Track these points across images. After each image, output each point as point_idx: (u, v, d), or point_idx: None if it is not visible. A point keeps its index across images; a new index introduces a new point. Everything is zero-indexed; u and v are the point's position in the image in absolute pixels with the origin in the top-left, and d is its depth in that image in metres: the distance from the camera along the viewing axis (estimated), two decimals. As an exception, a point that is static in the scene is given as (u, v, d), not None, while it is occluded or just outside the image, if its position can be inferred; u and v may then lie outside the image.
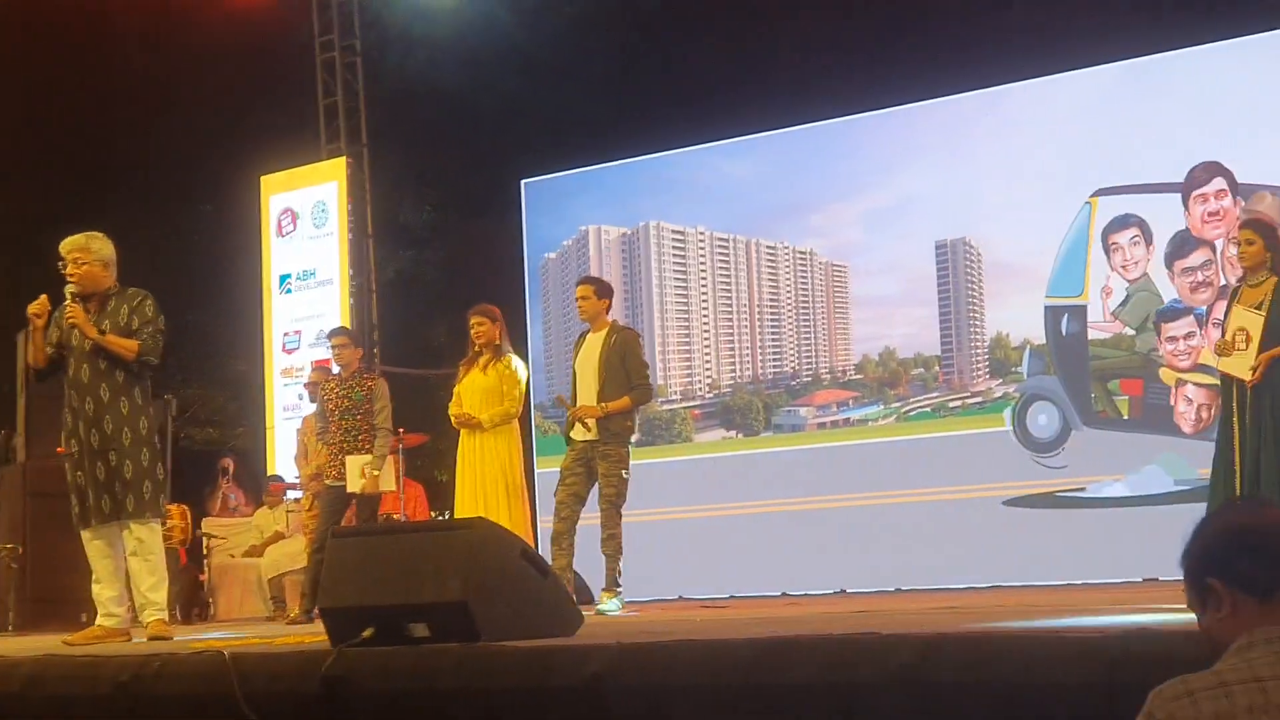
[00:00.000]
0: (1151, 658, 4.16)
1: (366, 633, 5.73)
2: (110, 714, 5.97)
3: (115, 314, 8.64)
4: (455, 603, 5.68)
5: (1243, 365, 8.94)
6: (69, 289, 8.59)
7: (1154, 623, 4.52)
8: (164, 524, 9.20)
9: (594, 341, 10.59)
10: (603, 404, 10.30)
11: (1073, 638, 4.38)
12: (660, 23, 19.15)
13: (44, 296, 8.69)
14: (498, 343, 10.93)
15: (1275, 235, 9.23)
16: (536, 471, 14.25)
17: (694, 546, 14.54)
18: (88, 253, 8.64)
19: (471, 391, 10.89)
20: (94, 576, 8.71)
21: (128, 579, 8.76)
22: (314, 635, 7.02)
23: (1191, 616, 3.31)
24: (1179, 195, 12.81)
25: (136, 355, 8.56)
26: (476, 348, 10.95)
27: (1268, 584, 3.03)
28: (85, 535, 8.64)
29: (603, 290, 10.77)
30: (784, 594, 13.49)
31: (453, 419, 10.98)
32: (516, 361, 11.05)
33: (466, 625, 5.63)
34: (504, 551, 6.04)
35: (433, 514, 15.41)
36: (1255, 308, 8.96)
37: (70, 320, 8.50)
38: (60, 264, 8.66)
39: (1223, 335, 9.15)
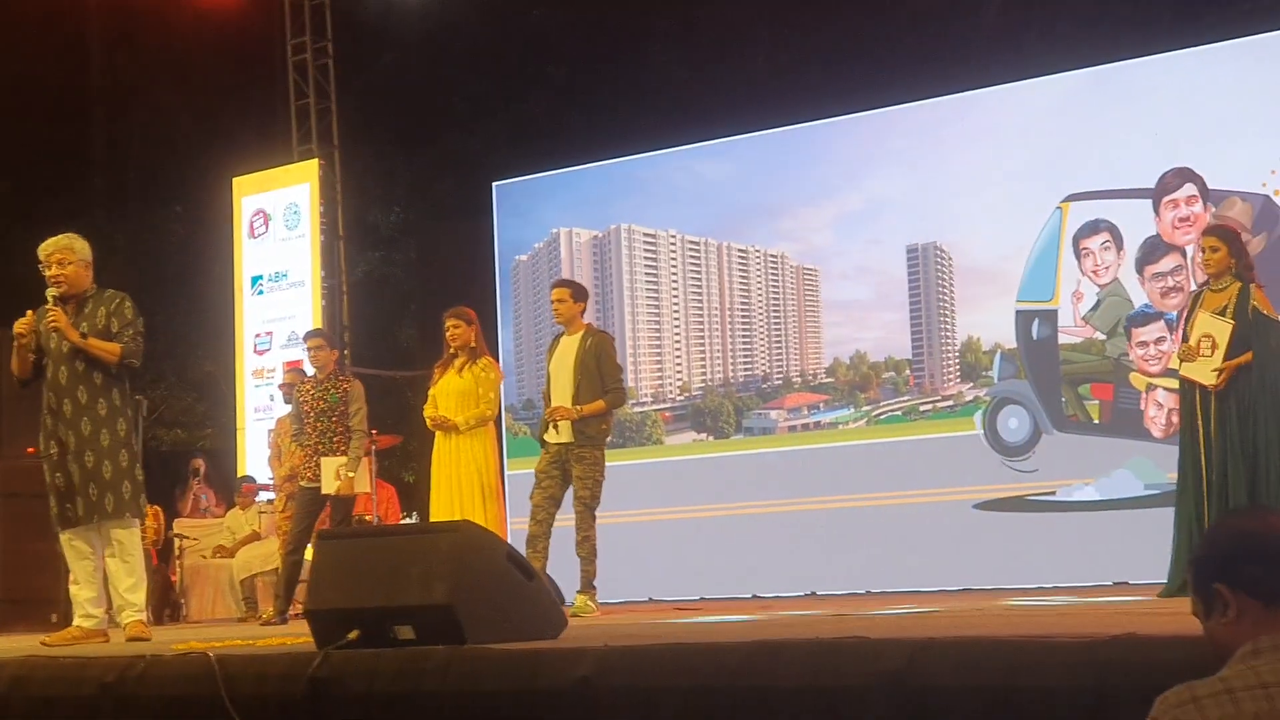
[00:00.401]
0: (1141, 664, 4.18)
1: (352, 635, 5.74)
2: (94, 715, 5.97)
3: (93, 316, 8.59)
4: (441, 605, 5.69)
5: (1206, 371, 8.97)
6: (51, 292, 8.54)
7: (1144, 629, 4.53)
8: (142, 525, 9.18)
9: (569, 344, 10.59)
10: (578, 406, 10.32)
11: (1062, 643, 4.39)
12: (631, 25, 19.15)
13: (30, 314, 8.65)
14: (473, 345, 10.93)
15: (1239, 241, 9.26)
16: (507, 473, 14.25)
17: (664, 548, 14.56)
18: (72, 253, 8.60)
19: (446, 394, 10.89)
20: (71, 577, 8.69)
21: (105, 580, 8.74)
22: (296, 637, 7.03)
23: (1183, 622, 3.34)
24: (1150, 201, 12.88)
25: (119, 359, 8.53)
26: (452, 350, 10.94)
27: (1274, 590, 3.06)
28: (64, 537, 8.59)
29: (579, 293, 10.78)
30: (754, 596, 13.54)
31: (428, 421, 10.97)
32: (492, 364, 11.07)
33: (452, 628, 5.64)
34: (489, 554, 6.06)
35: (404, 515, 15.38)
36: (1218, 313, 8.98)
37: (53, 324, 8.45)
38: (41, 266, 8.61)
39: (1185, 340, 9.16)
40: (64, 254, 8.58)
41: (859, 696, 4.53)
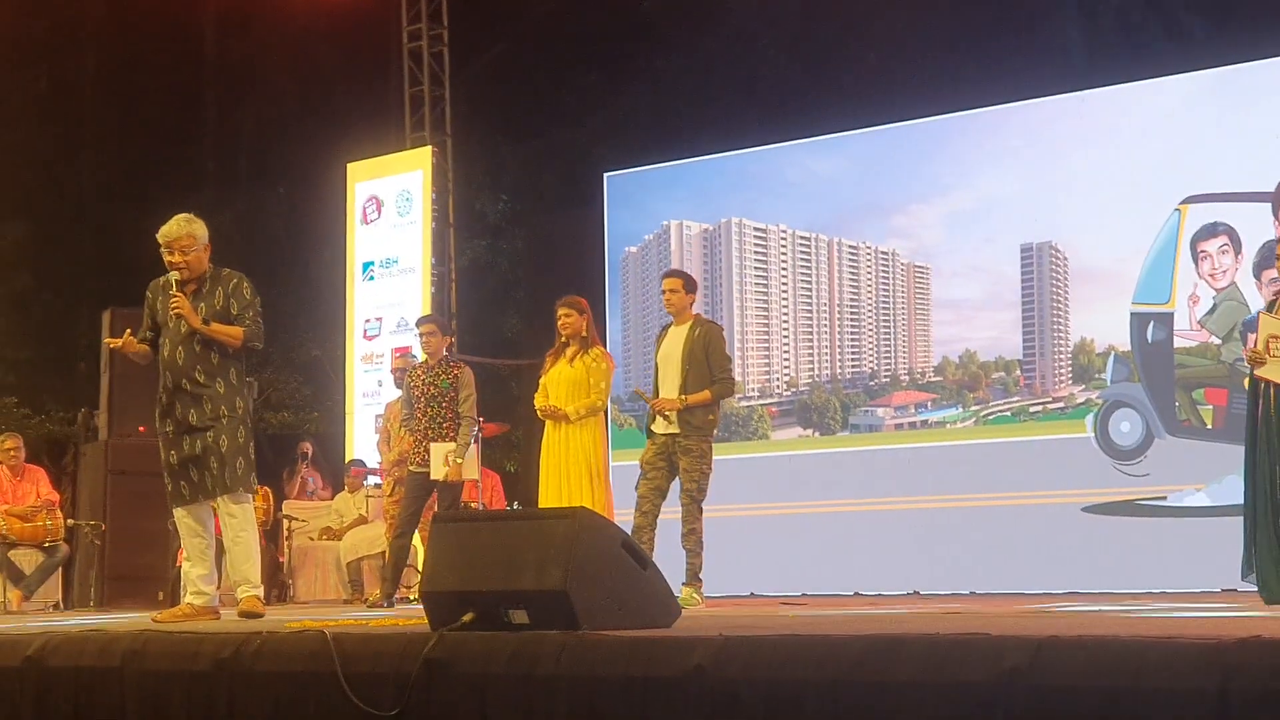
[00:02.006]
0: (1267, 667, 4.12)
1: (467, 617, 5.75)
2: (209, 690, 6.00)
3: (210, 297, 8.61)
4: (555, 591, 5.69)
5: (1277, 369, 8.90)
6: (173, 277, 8.55)
7: (1270, 632, 4.47)
8: (278, 507, 9.21)
9: (677, 335, 10.56)
10: (683, 396, 10.28)
11: (1187, 644, 4.34)
12: (744, 19, 19.12)
13: (129, 333, 8.66)
14: (585, 335, 10.91)
15: None
16: (612, 464, 14.25)
17: (767, 543, 14.54)
18: (193, 239, 8.59)
19: (557, 383, 10.87)
20: (185, 554, 8.75)
21: (219, 557, 8.81)
22: (407, 619, 7.06)
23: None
24: (1269, 205, 12.73)
25: (241, 342, 8.55)
26: (563, 339, 10.93)
27: None
28: (178, 513, 8.64)
29: (690, 284, 10.74)
30: (856, 593, 13.48)
31: (538, 410, 10.96)
32: (604, 354, 11.04)
33: (566, 613, 5.64)
34: (605, 541, 6.05)
35: (508, 504, 15.42)
36: None
37: (176, 310, 8.46)
38: (163, 250, 8.58)
39: (1246, 344, 9.12)
40: (186, 241, 8.57)
41: (981, 693, 4.48)
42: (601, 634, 5.46)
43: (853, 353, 14.84)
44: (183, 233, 8.60)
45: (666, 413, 10.34)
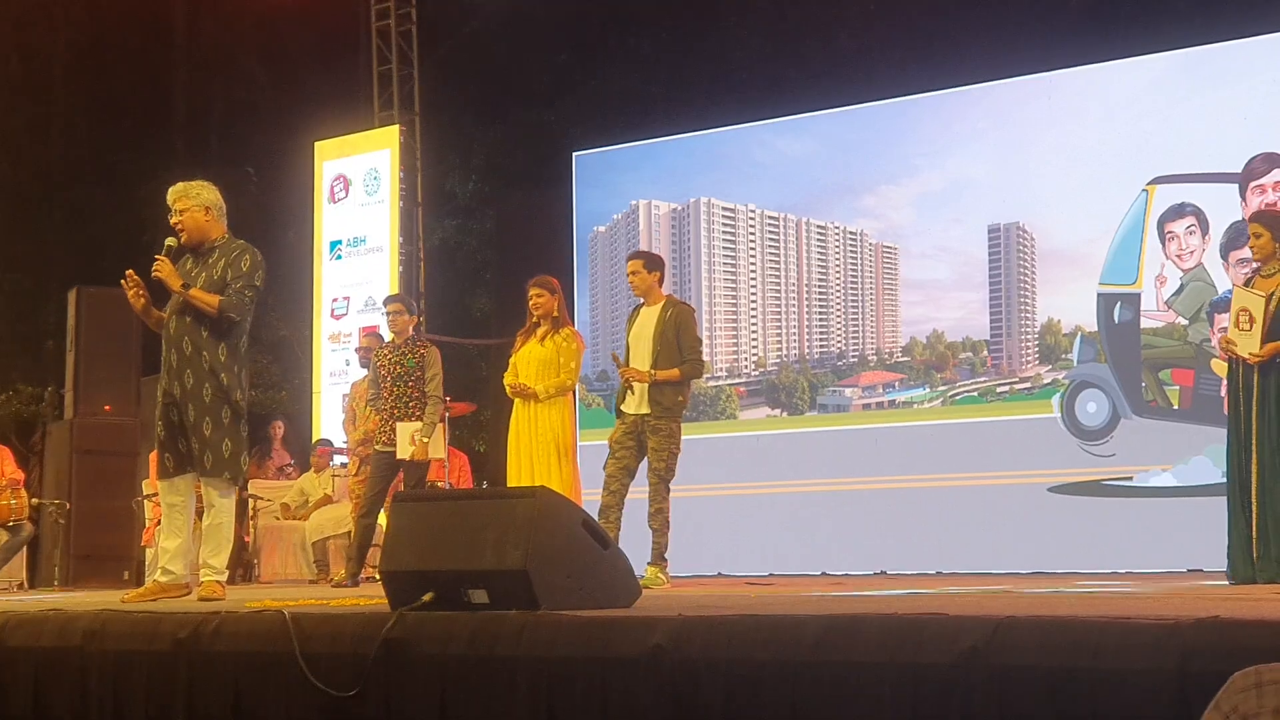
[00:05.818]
0: (1224, 647, 4.12)
1: (427, 596, 5.74)
2: (169, 670, 5.98)
3: (213, 266, 8.50)
4: (515, 571, 5.68)
5: (1249, 344, 8.93)
6: (169, 241, 8.49)
7: (1227, 612, 4.47)
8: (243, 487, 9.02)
9: (649, 315, 10.54)
10: (652, 370, 10.27)
11: (1145, 624, 4.34)
12: (715, -1, 19.12)
13: (130, 272, 8.57)
14: (556, 315, 10.93)
15: None
16: (580, 444, 14.23)
17: (735, 523, 14.55)
18: (186, 199, 8.53)
19: (528, 362, 10.90)
20: (160, 526, 8.69)
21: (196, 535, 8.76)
22: (369, 598, 7.04)
23: (1266, 607, 3.28)
24: (1236, 185, 12.74)
25: (217, 311, 8.39)
26: (534, 319, 10.94)
27: None
28: (161, 486, 8.58)
29: (652, 263, 10.70)
30: (824, 573, 13.50)
31: (508, 389, 10.99)
32: (574, 334, 11.05)
33: (526, 593, 5.64)
34: (565, 521, 6.04)
35: (476, 483, 15.40)
36: (1266, 295, 8.97)
37: (156, 273, 8.38)
38: (169, 213, 8.58)
39: (1213, 325, 9.15)
40: (178, 200, 8.55)
41: (938, 673, 4.49)
42: (561, 614, 5.45)
43: (821, 333, 14.83)
44: (177, 193, 8.58)
45: (634, 387, 10.32)
